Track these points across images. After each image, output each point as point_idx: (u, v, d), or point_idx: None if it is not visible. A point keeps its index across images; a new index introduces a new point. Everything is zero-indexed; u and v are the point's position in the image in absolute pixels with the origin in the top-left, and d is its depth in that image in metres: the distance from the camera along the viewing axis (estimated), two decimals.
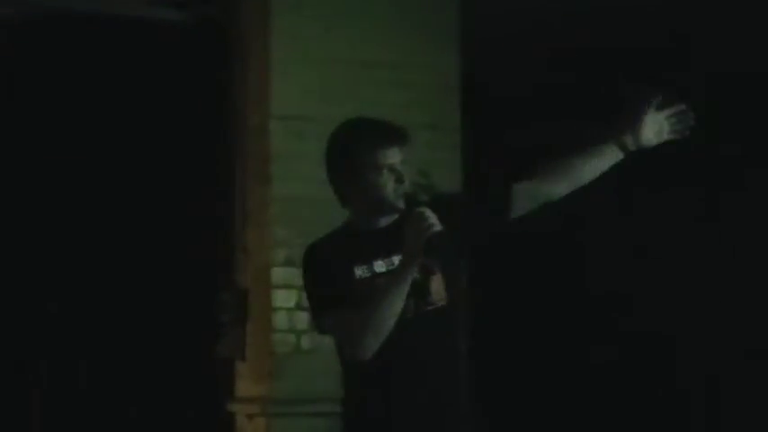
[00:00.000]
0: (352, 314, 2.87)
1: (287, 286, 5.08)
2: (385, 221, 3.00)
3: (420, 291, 2.89)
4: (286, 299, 5.08)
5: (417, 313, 2.88)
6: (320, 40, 5.26)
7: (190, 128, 5.94)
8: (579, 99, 7.28)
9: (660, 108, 2.93)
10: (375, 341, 2.87)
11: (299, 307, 5.07)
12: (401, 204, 2.95)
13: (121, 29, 5.66)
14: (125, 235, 6.18)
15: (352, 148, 2.99)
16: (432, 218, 2.84)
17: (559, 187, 3.04)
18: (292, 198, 5.08)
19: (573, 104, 7.36)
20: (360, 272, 2.93)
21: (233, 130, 5.60)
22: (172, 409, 5.91)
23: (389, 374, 2.92)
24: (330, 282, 2.98)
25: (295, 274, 4.73)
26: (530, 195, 3.03)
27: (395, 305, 2.84)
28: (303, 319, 5.06)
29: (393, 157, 2.92)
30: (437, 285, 2.91)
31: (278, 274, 5.07)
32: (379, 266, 2.94)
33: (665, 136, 2.95)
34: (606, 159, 2.97)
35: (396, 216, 2.99)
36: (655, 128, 2.94)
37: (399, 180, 2.92)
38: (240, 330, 5.27)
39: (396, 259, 2.93)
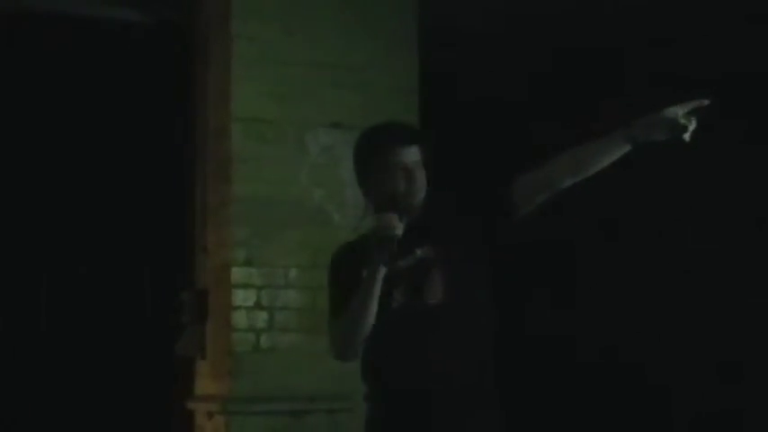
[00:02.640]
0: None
1: (246, 286, 5.11)
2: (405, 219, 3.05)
3: (416, 287, 2.99)
4: (245, 298, 5.09)
5: (416, 307, 2.98)
6: (280, 43, 5.29)
7: (151, 129, 5.90)
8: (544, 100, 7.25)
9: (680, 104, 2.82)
10: (348, 343, 2.99)
11: (258, 306, 5.12)
12: (415, 202, 3.03)
13: (80, 28, 5.62)
14: (84, 234, 6.05)
15: (368, 150, 3.09)
16: (391, 224, 2.92)
17: (567, 177, 3.04)
18: (252, 198, 5.11)
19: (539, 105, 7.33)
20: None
21: (194, 132, 5.62)
22: (132, 408, 5.81)
23: (387, 361, 3.01)
24: (338, 283, 3.12)
25: (254, 274, 5.09)
26: (538, 185, 3.07)
27: (365, 307, 2.92)
28: (262, 318, 5.13)
29: (404, 156, 3.01)
30: (433, 283, 2.98)
31: (237, 273, 5.08)
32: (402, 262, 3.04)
33: (679, 133, 2.80)
34: (613, 151, 2.92)
35: (417, 215, 3.09)
36: (668, 123, 2.82)
37: (410, 178, 3.00)
38: (200, 329, 5.29)
39: (418, 252, 3.02)
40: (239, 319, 5.09)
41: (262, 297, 5.15)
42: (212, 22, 5.44)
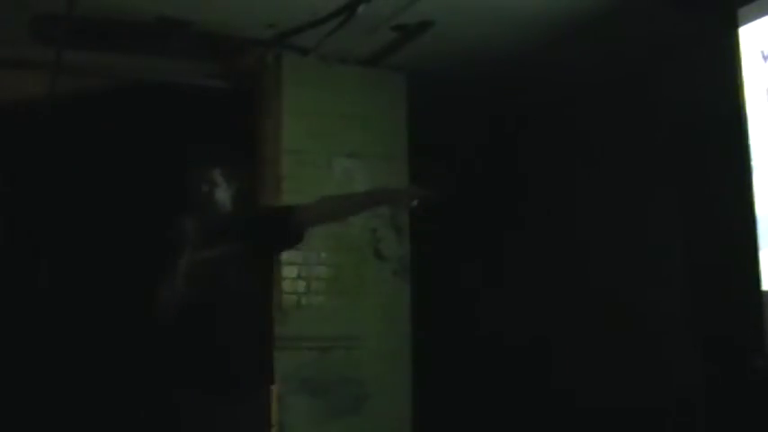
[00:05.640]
0: None
1: (291, 263, 5.63)
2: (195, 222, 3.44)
3: (211, 273, 3.32)
4: (290, 271, 5.64)
5: (208, 288, 3.31)
6: (315, 100, 5.86)
7: (225, 158, 5.45)
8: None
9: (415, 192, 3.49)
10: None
11: (299, 277, 5.65)
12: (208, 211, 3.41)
13: (185, 93, 6.04)
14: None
15: None
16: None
17: (331, 218, 3.81)
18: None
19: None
20: None
21: (254, 160, 6.06)
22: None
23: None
24: None
25: (296, 255, 5.58)
26: (318, 215, 3.64)
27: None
28: (302, 285, 5.65)
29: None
30: (225, 271, 3.31)
31: (285, 255, 5.51)
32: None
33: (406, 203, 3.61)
34: (367, 206, 3.78)
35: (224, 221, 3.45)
36: (403, 200, 3.66)
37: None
38: None
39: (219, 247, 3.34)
40: (287, 286, 5.61)
41: (302, 271, 5.65)
42: (269, 86, 5.91)
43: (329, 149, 5.88)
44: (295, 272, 5.68)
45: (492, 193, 7.48)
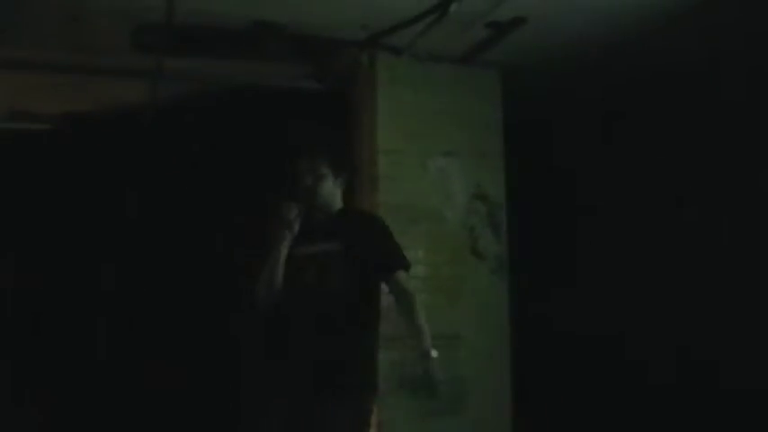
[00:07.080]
0: None
1: None
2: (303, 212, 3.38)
3: (320, 273, 3.37)
4: None
5: (316, 292, 3.35)
6: (410, 99, 5.82)
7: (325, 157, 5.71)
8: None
9: None
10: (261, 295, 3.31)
11: None
12: (317, 204, 3.36)
13: (283, 96, 6.12)
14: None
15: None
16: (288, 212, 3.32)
17: None
18: (392, 203, 5.62)
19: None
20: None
21: (351, 160, 5.88)
22: None
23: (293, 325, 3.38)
24: None
25: None
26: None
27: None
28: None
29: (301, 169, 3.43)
30: (332, 273, 3.37)
31: None
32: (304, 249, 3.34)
33: None
34: None
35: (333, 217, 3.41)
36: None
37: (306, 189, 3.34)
38: None
39: (326, 245, 3.31)
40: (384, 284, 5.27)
41: None
42: (364, 88, 5.92)
43: (425, 149, 5.83)
44: None
45: (590, 185, 7.41)
